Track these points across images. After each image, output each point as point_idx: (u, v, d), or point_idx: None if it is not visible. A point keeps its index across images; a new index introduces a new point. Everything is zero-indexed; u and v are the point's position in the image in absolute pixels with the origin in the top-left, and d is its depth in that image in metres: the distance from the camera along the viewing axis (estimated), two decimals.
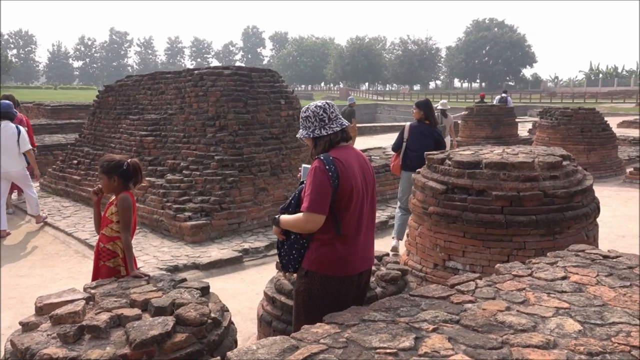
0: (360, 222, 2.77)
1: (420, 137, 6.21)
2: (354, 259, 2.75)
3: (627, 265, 2.88)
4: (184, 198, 7.16)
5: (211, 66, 8.89)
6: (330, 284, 2.72)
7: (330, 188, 2.63)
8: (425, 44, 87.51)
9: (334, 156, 2.70)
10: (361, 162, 2.84)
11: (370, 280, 3.03)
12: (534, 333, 2.07)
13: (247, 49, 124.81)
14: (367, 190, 2.82)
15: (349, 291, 2.79)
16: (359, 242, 2.77)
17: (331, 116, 2.78)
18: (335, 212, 2.69)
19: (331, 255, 2.71)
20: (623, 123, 24.29)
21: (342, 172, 2.66)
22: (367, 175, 2.85)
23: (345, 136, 2.82)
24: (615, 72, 77.47)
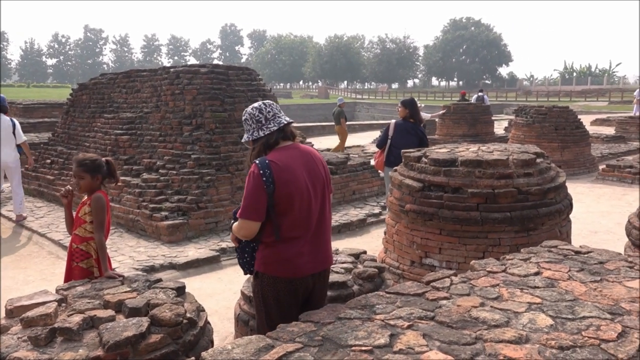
0: (308, 223, 2.67)
1: (405, 135, 6.36)
2: (302, 260, 2.66)
3: (598, 261, 2.93)
4: (160, 197, 7.08)
5: (188, 64, 8.81)
6: (279, 285, 2.66)
7: (265, 194, 2.56)
8: (403, 42, 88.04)
9: (271, 159, 2.61)
10: (308, 162, 2.71)
11: (328, 280, 2.91)
12: (507, 328, 2.10)
13: (225, 47, 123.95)
14: (316, 190, 2.70)
15: (303, 292, 2.72)
16: (307, 244, 2.68)
17: (268, 116, 2.69)
18: (274, 216, 2.61)
19: (276, 257, 2.65)
20: (596, 121, 24.77)
21: (278, 175, 2.57)
22: (316, 174, 2.72)
23: (287, 135, 2.72)
24: (589, 71, 78.97)
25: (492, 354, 1.90)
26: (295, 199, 2.61)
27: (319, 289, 2.81)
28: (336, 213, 8.00)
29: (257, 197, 2.57)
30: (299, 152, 2.72)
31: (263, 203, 2.57)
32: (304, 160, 2.69)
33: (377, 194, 9.17)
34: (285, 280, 2.66)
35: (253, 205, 2.58)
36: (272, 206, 2.59)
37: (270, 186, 2.55)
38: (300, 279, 2.67)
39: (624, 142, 17.47)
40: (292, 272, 2.65)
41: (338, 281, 3.51)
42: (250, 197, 2.59)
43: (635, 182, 10.66)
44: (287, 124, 2.73)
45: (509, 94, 53.49)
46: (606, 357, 1.85)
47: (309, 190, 2.65)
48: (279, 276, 2.66)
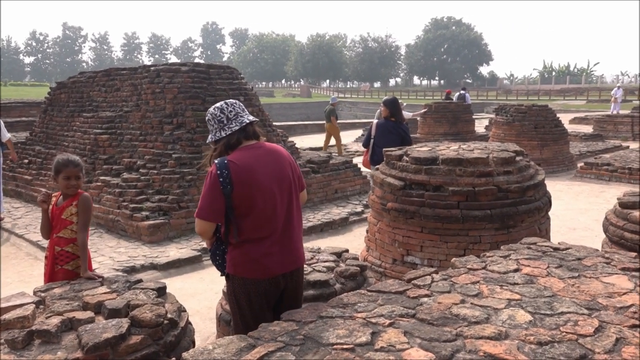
0: (274, 223, 2.63)
1: (386, 134, 6.45)
2: (271, 261, 2.63)
3: (576, 257, 2.97)
4: (141, 197, 7.01)
5: (168, 62, 8.73)
6: (250, 286, 2.64)
7: (222, 195, 2.52)
8: (385, 41, 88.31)
9: (231, 159, 2.57)
10: (273, 160, 2.67)
11: (302, 279, 2.88)
12: (486, 325, 2.12)
13: (206, 45, 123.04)
14: (282, 190, 2.66)
15: (274, 292, 2.70)
16: (275, 244, 2.64)
17: (230, 116, 2.65)
18: (234, 217, 2.59)
19: (244, 258, 2.63)
20: (574, 119, 25.16)
21: (237, 176, 2.53)
22: (281, 174, 2.68)
23: (249, 134, 2.68)
24: (568, 70, 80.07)
25: (472, 350, 1.91)
26: (256, 200, 2.57)
27: (291, 289, 2.77)
28: (318, 212, 8.00)
29: (213, 197, 2.55)
30: (263, 152, 2.68)
31: (219, 204, 2.54)
32: (268, 159, 2.66)
33: (359, 192, 9.19)
34: (255, 281, 2.63)
35: (208, 206, 2.56)
36: (230, 207, 2.56)
37: (227, 187, 2.52)
38: (269, 279, 2.64)
39: (601, 140, 17.77)
40: (260, 273, 2.62)
41: (320, 280, 3.51)
42: (206, 197, 2.57)
43: (612, 179, 10.84)
44: (249, 123, 2.69)
45: (489, 93, 54.00)
46: (583, 352, 1.88)
47: (272, 191, 2.62)
48: (248, 277, 2.63)
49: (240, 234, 2.61)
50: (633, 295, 2.37)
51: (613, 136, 18.70)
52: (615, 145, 16.09)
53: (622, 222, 4.23)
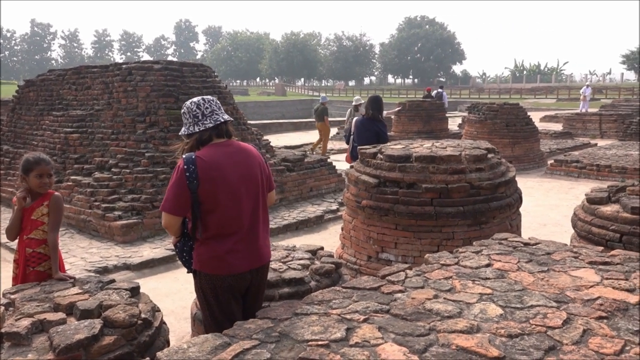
0: (240, 220, 2.66)
1: (363, 131, 6.61)
2: (237, 257, 2.65)
3: (545, 252, 3.04)
4: (113, 197, 6.91)
5: (140, 60, 8.62)
6: (216, 282, 2.66)
7: (188, 189, 2.55)
8: (359, 40, 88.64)
9: (199, 155, 2.60)
10: (241, 159, 2.70)
11: (266, 276, 2.92)
12: (459, 319, 2.15)
13: (179, 43, 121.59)
14: (249, 188, 2.69)
15: (241, 288, 2.73)
16: (242, 241, 2.67)
17: (205, 112, 2.67)
18: (199, 213, 2.60)
19: (210, 255, 2.65)
20: (545, 117, 25.66)
21: (203, 172, 2.55)
22: (250, 173, 2.71)
23: (221, 132, 2.71)
24: (538, 69, 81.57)
25: (444, 344, 1.95)
26: (222, 196, 2.59)
27: (256, 285, 2.80)
28: (294, 210, 8.01)
29: (178, 191, 2.57)
30: (233, 150, 2.70)
31: (184, 198, 2.57)
32: (237, 158, 2.68)
33: (334, 190, 9.22)
34: (221, 278, 2.65)
35: (173, 199, 2.58)
36: (197, 203, 2.58)
37: (193, 182, 2.54)
38: (236, 275, 2.67)
39: (570, 137, 18.17)
40: (226, 270, 2.65)
41: (295, 278, 3.51)
42: (171, 191, 2.59)
43: (581, 176, 11.10)
44: (223, 122, 2.71)
45: (462, 92, 54.68)
46: (552, 343, 1.92)
47: (239, 188, 2.64)
48: (215, 274, 2.65)
49: (205, 230, 2.63)
50: (600, 288, 2.44)
51: (582, 134, 19.14)
52: (584, 142, 16.47)
53: (590, 218, 4.34)
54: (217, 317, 2.68)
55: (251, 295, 2.81)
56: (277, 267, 3.66)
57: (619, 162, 11.15)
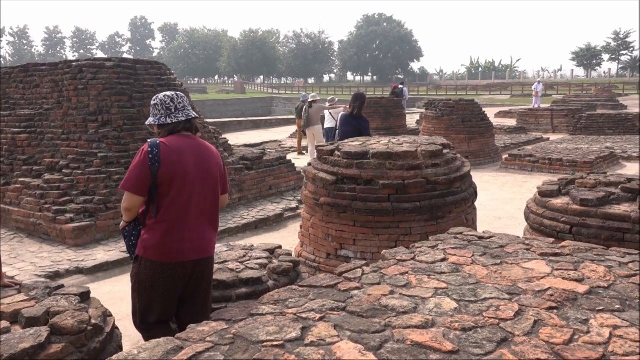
0: (188, 210, 2.78)
1: (345, 126, 7.04)
2: (179, 246, 2.76)
3: (499, 245, 3.09)
4: (64, 199, 6.68)
5: (91, 57, 8.34)
6: (156, 269, 2.75)
7: (149, 171, 2.70)
8: (318, 37, 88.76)
9: (163, 141, 2.76)
10: (202, 153, 2.85)
11: (210, 270, 2.96)
12: (414, 314, 2.16)
13: (135, 40, 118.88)
14: (204, 182, 2.83)
15: (179, 278, 2.81)
16: (188, 231, 2.78)
17: (178, 106, 2.83)
18: (156, 196, 2.75)
19: (154, 241, 2.76)
20: (500, 113, 26.31)
21: (165, 157, 2.71)
22: (206, 167, 2.84)
23: (190, 127, 2.88)
24: (493, 66, 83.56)
25: (399, 340, 1.95)
26: (176, 182, 2.73)
27: (197, 278, 2.88)
28: (253, 209, 7.94)
29: (139, 171, 2.71)
30: (195, 144, 2.86)
31: (145, 179, 2.71)
32: (198, 151, 2.83)
33: (293, 188, 9.19)
34: (162, 265, 2.75)
35: (134, 179, 2.72)
36: (155, 185, 2.73)
37: (155, 164, 2.69)
38: (177, 264, 2.76)
39: (524, 132, 18.69)
40: (167, 257, 2.75)
41: (253, 277, 3.47)
42: (133, 170, 2.73)
43: (534, 170, 11.42)
44: (194, 117, 2.89)
45: (420, 88, 55.49)
46: (504, 335, 1.95)
47: (194, 179, 2.78)
48: (157, 260, 2.75)
49: (156, 213, 2.76)
50: (550, 279, 2.49)
51: (535, 129, 19.71)
52: (537, 137, 16.96)
53: (542, 210, 4.45)
54: (146, 305, 2.82)
55: (191, 289, 2.88)
56: (235, 267, 3.61)
57: (570, 155, 11.53)
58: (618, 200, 4.24)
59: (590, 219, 4.08)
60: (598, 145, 13.94)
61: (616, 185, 4.50)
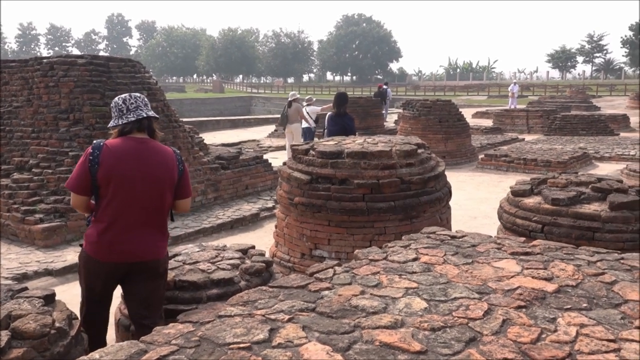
0: (125, 213, 2.81)
1: (333, 124, 7.30)
2: (111, 247, 2.82)
3: (471, 244, 3.10)
4: (34, 199, 6.53)
5: (63, 54, 8.17)
6: (89, 264, 2.87)
7: (89, 172, 2.78)
8: (297, 37, 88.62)
9: (107, 143, 2.83)
10: (149, 157, 2.85)
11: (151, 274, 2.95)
12: (384, 314, 2.14)
13: (112, 38, 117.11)
14: (148, 186, 2.84)
15: (107, 277, 2.89)
16: (122, 233, 2.82)
17: (130, 107, 2.87)
18: (97, 197, 2.86)
19: (91, 237, 2.85)
20: (476, 114, 26.59)
21: (104, 158, 2.77)
22: (153, 172, 2.85)
23: (142, 127, 2.89)
24: (471, 67, 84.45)
25: (368, 341, 1.92)
26: (113, 182, 2.79)
27: (136, 281, 2.92)
28: (229, 208, 7.87)
29: (80, 172, 2.81)
30: (144, 147, 2.87)
31: (86, 179, 2.79)
32: (144, 154, 2.84)
33: (270, 187, 9.14)
34: (94, 261, 2.85)
35: (76, 179, 2.82)
36: (95, 186, 2.81)
37: (94, 166, 2.77)
38: (106, 263, 2.83)
39: (500, 133, 18.90)
40: (97, 254, 2.83)
41: (224, 278, 3.42)
42: (75, 171, 2.84)
43: (509, 170, 11.55)
44: (146, 117, 2.89)
45: (399, 89, 55.77)
46: (473, 335, 1.94)
47: (133, 182, 2.81)
48: (90, 255, 2.86)
49: (96, 212, 2.85)
50: (520, 278, 2.50)
51: (511, 129, 19.96)
52: (512, 137, 17.17)
53: (514, 210, 4.48)
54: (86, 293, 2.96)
55: (132, 290, 2.96)
56: (206, 268, 3.56)
57: (544, 155, 11.69)
58: (588, 200, 4.30)
59: (561, 218, 4.13)
60: (572, 146, 14.17)
61: (587, 184, 4.56)
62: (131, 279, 2.92)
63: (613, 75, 71.21)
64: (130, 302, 3.02)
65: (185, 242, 6.32)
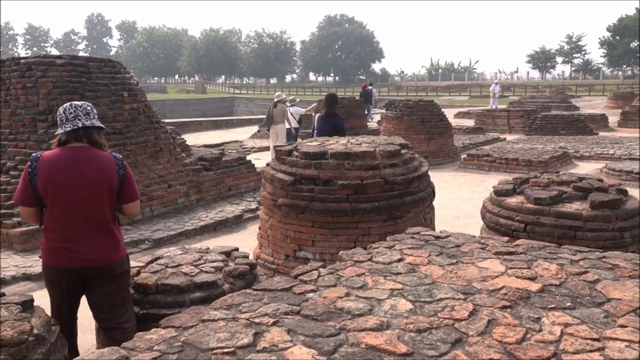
0: (65, 220, 2.92)
1: (322, 125, 7.43)
2: (57, 252, 2.94)
3: (455, 244, 3.10)
4: (12, 202, 6.39)
5: (41, 55, 8.03)
6: (47, 271, 3.02)
7: (30, 183, 2.91)
8: (280, 37, 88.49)
9: (44, 155, 2.94)
10: (84, 163, 2.93)
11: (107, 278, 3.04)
12: (369, 316, 2.12)
13: (92, 38, 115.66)
14: (84, 192, 2.92)
15: (69, 283, 2.98)
16: (68, 241, 2.92)
17: (69, 117, 2.96)
18: (43, 207, 2.97)
19: (45, 245, 3.00)
20: (458, 114, 26.78)
21: (41, 170, 2.88)
22: (88, 177, 2.92)
23: (79, 137, 2.95)
24: (452, 68, 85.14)
25: (354, 343, 1.91)
26: (50, 192, 2.90)
27: (94, 285, 3.02)
28: (212, 210, 7.80)
29: (22, 184, 2.95)
30: (79, 155, 2.95)
31: (28, 191, 2.93)
32: (79, 162, 2.93)
33: (254, 189, 9.09)
34: (48, 267, 3.00)
35: (20, 191, 2.96)
36: (38, 196, 2.93)
37: (34, 177, 2.90)
38: (59, 268, 2.94)
39: (482, 133, 19.07)
40: (51, 260, 2.97)
41: (207, 281, 3.38)
42: (19, 183, 2.98)
43: (491, 169, 11.65)
44: (82, 127, 2.93)
45: (381, 89, 55.96)
46: (458, 336, 1.94)
47: (69, 190, 2.90)
48: (44, 262, 3.02)
49: (43, 222, 2.99)
50: (504, 278, 2.50)
51: (492, 129, 20.14)
52: (494, 137, 17.33)
53: (497, 209, 4.51)
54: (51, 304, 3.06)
55: (92, 295, 3.05)
56: (189, 271, 3.51)
57: (525, 155, 11.82)
58: (570, 199, 4.34)
59: (543, 217, 4.16)
60: (552, 145, 14.34)
61: (568, 184, 4.60)
62: (89, 284, 3.03)
63: (591, 75, 72.42)
64: (92, 307, 3.10)
65: (167, 245, 6.25)
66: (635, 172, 10.11)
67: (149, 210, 7.38)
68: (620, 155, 12.67)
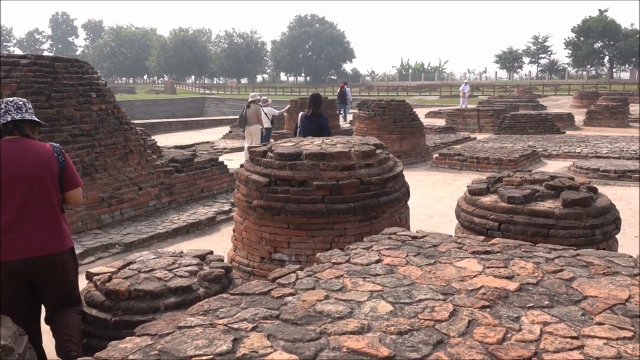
0: (7, 211, 2.93)
1: (307, 125, 7.43)
2: (5, 245, 2.92)
3: (432, 244, 3.10)
4: None
5: (4, 55, 7.78)
6: None
7: None
8: (250, 37, 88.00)
9: None
10: (21, 154, 3.00)
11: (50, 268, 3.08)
12: (350, 319, 2.10)
13: (56, 37, 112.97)
14: (24, 181, 2.97)
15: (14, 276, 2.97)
16: (10, 231, 2.93)
17: (0, 113, 3.04)
18: None
19: None
20: (429, 113, 27.07)
21: None
22: (24, 167, 2.98)
23: (9, 131, 3.03)
24: (422, 68, 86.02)
25: (335, 347, 1.88)
26: None
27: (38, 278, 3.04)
28: (184, 212, 7.68)
29: None
30: (13, 146, 3.01)
31: None
32: (13, 153, 2.99)
33: (226, 190, 8.99)
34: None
35: None
36: None
37: None
38: (5, 262, 2.92)
39: (453, 132, 19.29)
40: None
41: (182, 285, 3.30)
42: None
43: (463, 168, 11.79)
44: (11, 121, 3.02)
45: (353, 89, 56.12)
46: (440, 337, 1.93)
47: (7, 181, 2.93)
48: None
49: None
50: (482, 277, 2.51)
51: (463, 128, 20.40)
52: (465, 136, 17.54)
53: (472, 208, 4.54)
54: None
55: (39, 289, 3.07)
56: (163, 276, 3.43)
57: (496, 154, 11.99)
58: (542, 197, 4.40)
59: (517, 215, 4.21)
60: (521, 144, 14.60)
61: (540, 182, 4.67)
62: (32, 277, 3.03)
63: (557, 75, 74.17)
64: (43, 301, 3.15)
65: (139, 249, 6.12)
66: (601, 170, 10.36)
67: (119, 214, 7.22)
68: (587, 154, 12.98)
